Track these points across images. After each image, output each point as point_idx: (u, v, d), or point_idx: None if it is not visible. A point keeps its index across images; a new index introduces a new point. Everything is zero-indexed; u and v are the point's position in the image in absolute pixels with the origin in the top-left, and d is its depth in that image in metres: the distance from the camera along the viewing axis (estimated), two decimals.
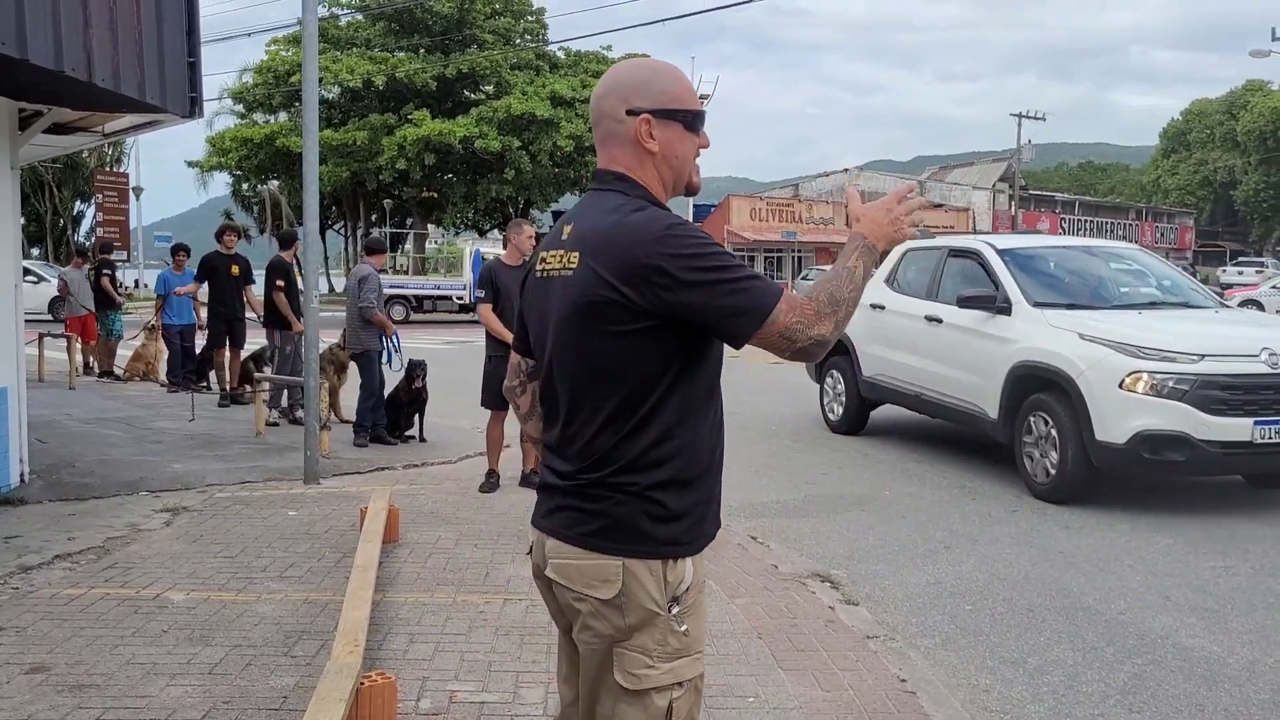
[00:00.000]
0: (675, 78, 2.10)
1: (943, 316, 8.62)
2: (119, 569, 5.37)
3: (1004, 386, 7.66)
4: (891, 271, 9.71)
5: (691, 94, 2.11)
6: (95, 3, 6.12)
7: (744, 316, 1.87)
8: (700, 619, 2.04)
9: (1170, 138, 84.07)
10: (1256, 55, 34.40)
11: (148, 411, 11.00)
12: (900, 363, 9.13)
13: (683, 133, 2.07)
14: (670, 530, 1.96)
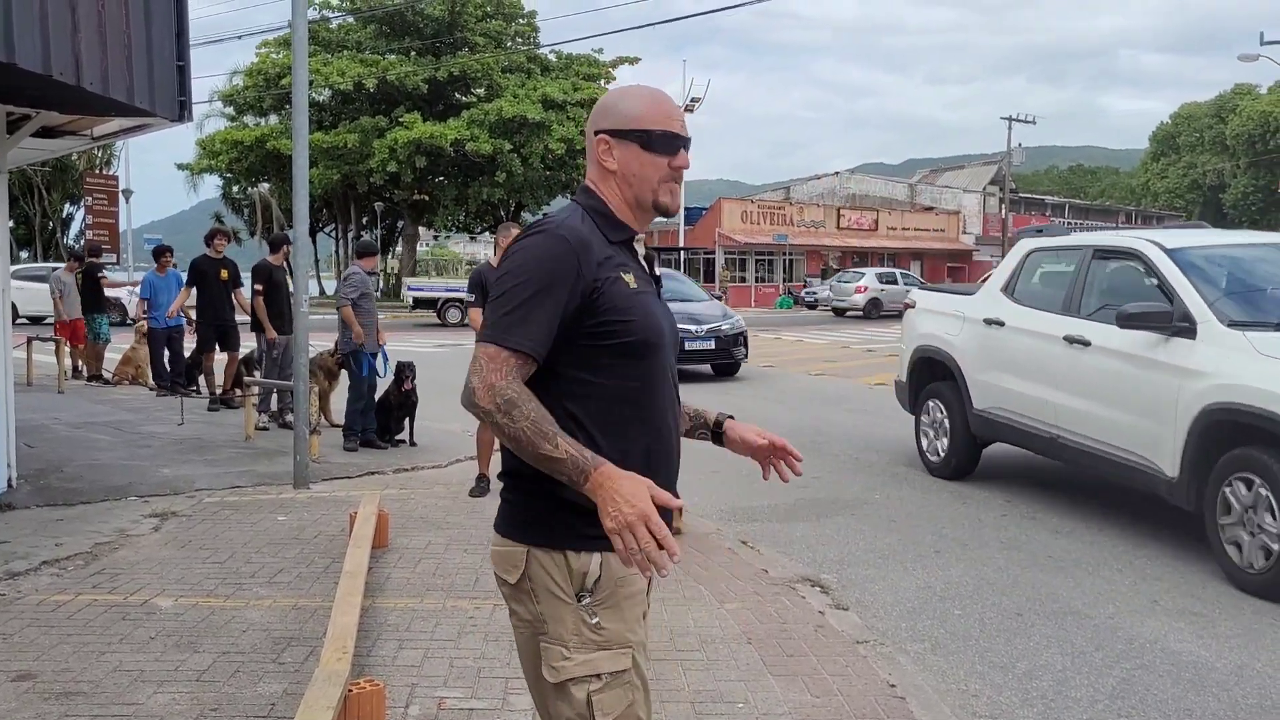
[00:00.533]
0: (643, 99, 2.15)
1: (1090, 338, 6.69)
2: (107, 575, 5.34)
3: (1188, 436, 5.77)
4: (1012, 277, 7.96)
5: (658, 116, 2.13)
6: (84, 6, 6.10)
7: (487, 323, 2.01)
8: (625, 616, 2.05)
9: (1159, 141, 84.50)
10: (1244, 59, 34.51)
11: (137, 415, 10.96)
12: (1028, 395, 7.28)
13: (639, 152, 2.12)
14: (573, 524, 2.01)
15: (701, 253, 47.21)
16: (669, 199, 2.17)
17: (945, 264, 53.68)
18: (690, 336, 14.42)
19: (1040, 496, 7.59)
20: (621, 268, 2.08)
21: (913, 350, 8.82)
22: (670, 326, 2.18)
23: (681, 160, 2.16)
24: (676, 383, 2.21)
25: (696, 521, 6.71)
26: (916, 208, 58.28)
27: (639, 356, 2.07)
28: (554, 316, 1.98)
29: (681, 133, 2.16)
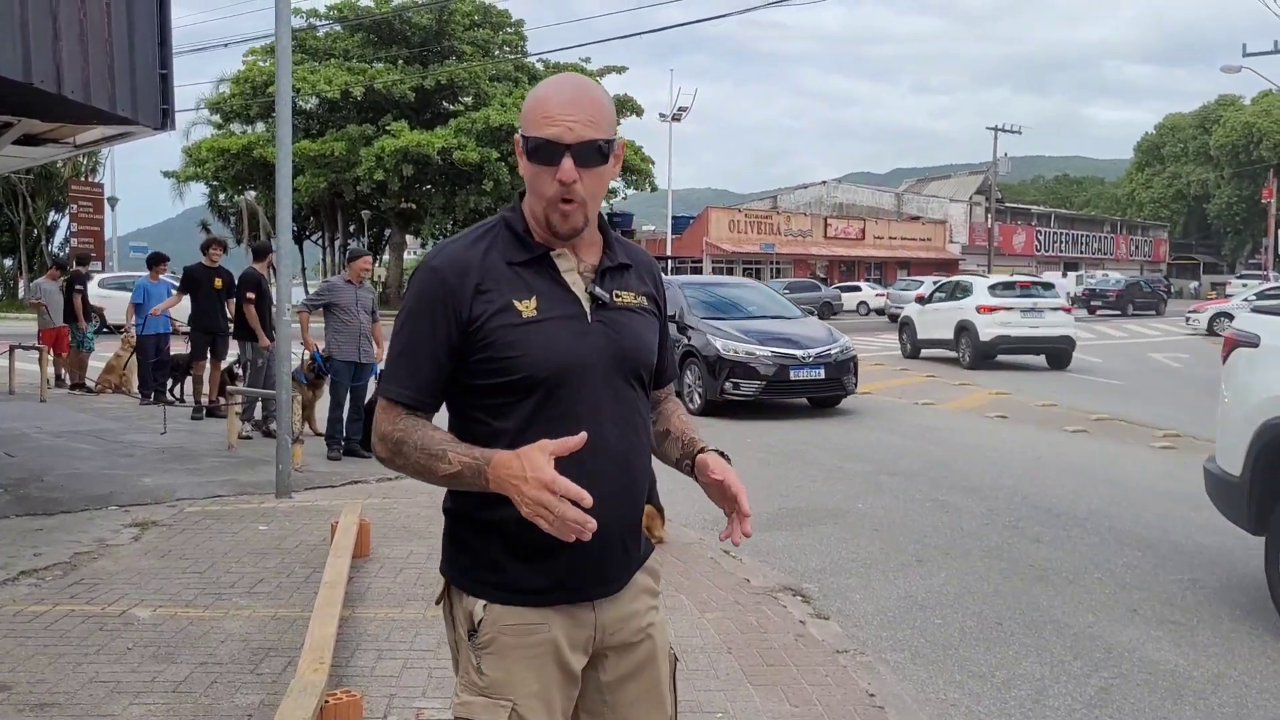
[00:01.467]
0: (532, 97, 1.88)
1: None
2: (85, 585, 5.31)
3: None
4: None
5: (535, 117, 1.85)
6: (65, 14, 6.09)
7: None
8: (511, 668, 1.88)
9: (1144, 151, 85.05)
10: (1228, 70, 34.80)
11: (119, 424, 10.91)
12: None
13: (524, 162, 1.88)
14: (459, 561, 1.97)
15: (689, 261, 47.28)
16: (557, 219, 1.86)
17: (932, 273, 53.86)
18: (795, 364, 12.26)
19: (1022, 505, 7.62)
20: (516, 293, 1.86)
21: (1260, 425, 5.10)
22: (599, 351, 1.90)
23: (564, 172, 1.82)
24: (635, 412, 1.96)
25: (679, 531, 6.71)
26: (903, 217, 58.52)
27: (534, 394, 1.85)
28: (431, 357, 1.87)
29: (560, 139, 1.81)
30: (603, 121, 1.87)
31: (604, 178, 1.91)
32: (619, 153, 1.94)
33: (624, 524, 1.94)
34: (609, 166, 1.91)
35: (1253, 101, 72.56)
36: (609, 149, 1.88)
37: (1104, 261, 65.65)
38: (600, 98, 1.91)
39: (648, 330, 2.01)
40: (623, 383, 1.94)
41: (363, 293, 9.28)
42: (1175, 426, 11.71)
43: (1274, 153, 65.17)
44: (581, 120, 1.83)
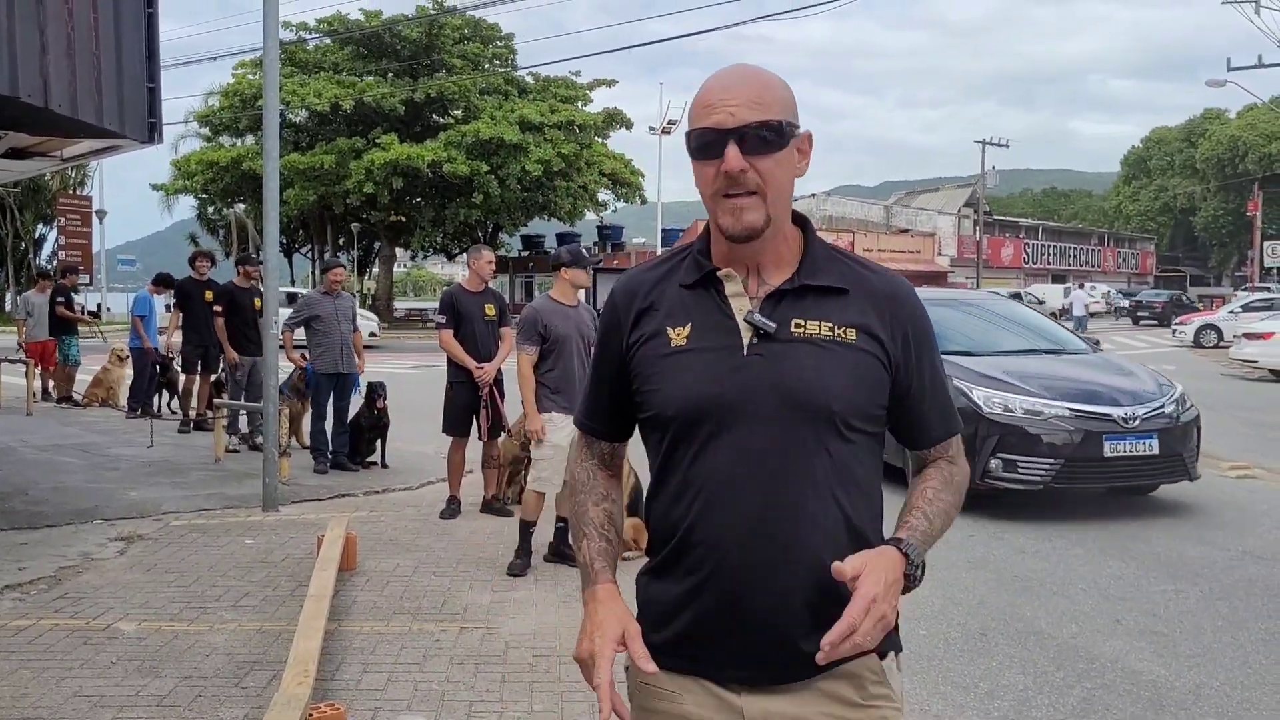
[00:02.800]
0: (695, 96, 1.68)
1: None
2: (70, 599, 5.30)
3: None
4: None
5: (696, 110, 1.66)
6: (52, 28, 6.10)
7: None
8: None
9: (1131, 164, 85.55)
10: (1212, 85, 35.03)
11: (106, 438, 10.88)
12: None
13: (693, 164, 1.67)
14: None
15: None
16: (728, 218, 1.63)
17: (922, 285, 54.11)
18: (1113, 432, 7.54)
19: (1007, 516, 7.64)
20: (674, 319, 1.67)
21: None
22: (773, 391, 1.61)
23: (729, 161, 1.59)
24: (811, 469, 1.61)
25: None
26: (892, 230, 58.69)
27: (666, 435, 1.67)
28: (601, 382, 1.80)
29: (721, 125, 1.60)
30: (771, 102, 1.61)
31: (783, 167, 1.63)
32: (804, 145, 1.69)
33: (775, 605, 1.61)
34: (787, 154, 1.63)
35: (1238, 115, 73.05)
36: (788, 131, 1.62)
37: (1091, 274, 65.93)
38: (767, 79, 1.65)
39: (840, 368, 1.63)
40: (790, 430, 1.61)
41: (341, 302, 9.26)
42: None
43: (1259, 166, 65.62)
44: (744, 102, 1.59)
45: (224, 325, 10.30)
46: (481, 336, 7.48)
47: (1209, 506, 8.07)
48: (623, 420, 1.80)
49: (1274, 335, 19.91)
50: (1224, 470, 9.75)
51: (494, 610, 5.27)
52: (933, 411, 1.74)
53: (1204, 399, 16.42)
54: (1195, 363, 24.34)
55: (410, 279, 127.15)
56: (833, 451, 1.62)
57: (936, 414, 1.75)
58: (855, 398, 1.63)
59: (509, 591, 5.61)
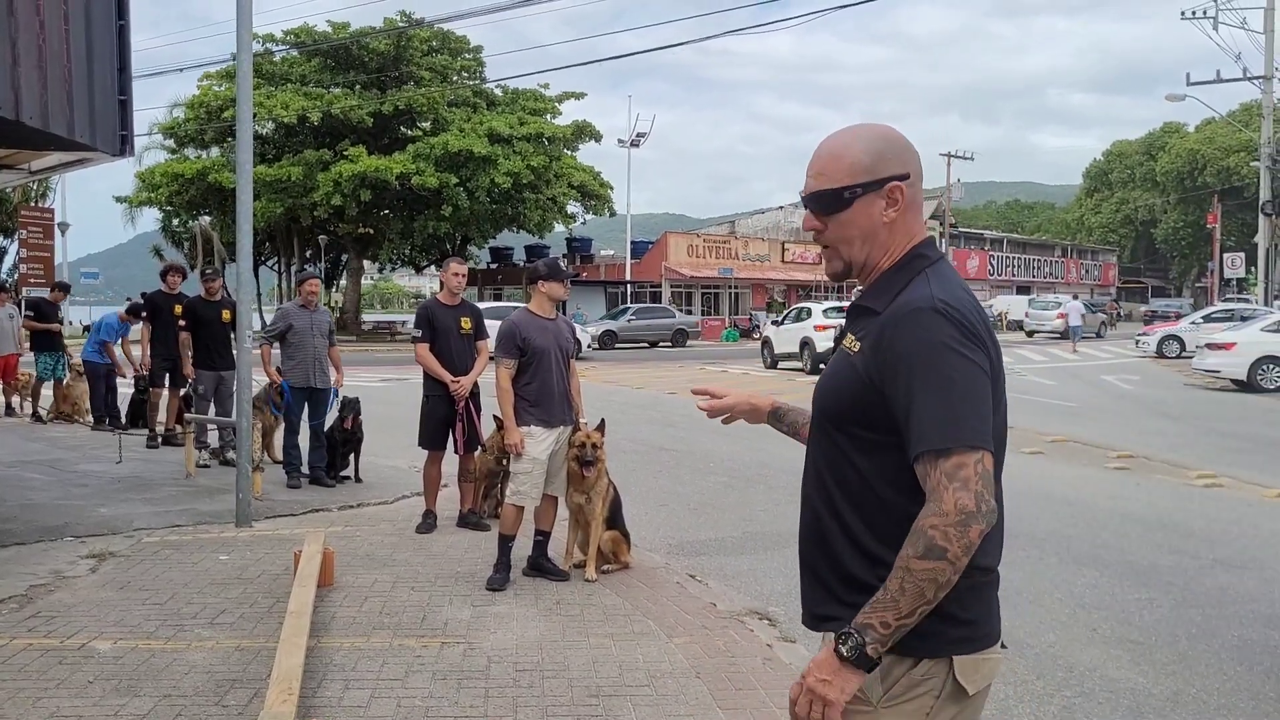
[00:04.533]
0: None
1: None
2: (42, 618, 5.22)
3: None
4: None
5: None
6: (24, 39, 6.04)
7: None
8: None
9: (1093, 177, 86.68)
10: (1172, 99, 35.65)
11: (73, 454, 10.73)
12: None
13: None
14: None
15: (648, 286, 47.42)
16: (824, 264, 2.10)
17: None
18: None
19: None
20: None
21: None
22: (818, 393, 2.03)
23: (805, 222, 2.09)
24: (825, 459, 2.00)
25: (645, 555, 6.72)
26: None
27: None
28: None
29: (802, 191, 2.05)
30: (833, 171, 1.96)
31: (849, 224, 1.97)
32: (895, 194, 1.95)
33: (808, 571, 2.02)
34: (855, 212, 1.96)
35: (1196, 129, 74.23)
36: (849, 195, 1.95)
37: (1055, 285, 66.73)
38: (833, 148, 1.99)
39: (840, 376, 1.95)
40: (818, 427, 2.01)
41: (318, 316, 9.19)
42: (1128, 448, 11.92)
43: (1218, 179, 66.69)
44: (812, 174, 2.00)
45: (188, 339, 10.21)
46: (457, 350, 7.45)
47: (1178, 515, 8.19)
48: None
49: (1236, 346, 20.22)
50: (1191, 479, 9.90)
51: (474, 625, 5.25)
52: (910, 431, 1.79)
53: (1167, 409, 16.70)
54: (1158, 373, 24.68)
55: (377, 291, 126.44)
56: (832, 448, 1.94)
57: (912, 434, 1.78)
58: (833, 402, 1.93)
59: (489, 606, 5.58)
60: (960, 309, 1.82)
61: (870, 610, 1.76)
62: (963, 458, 1.74)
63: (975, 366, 1.79)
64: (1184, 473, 10.29)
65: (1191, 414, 15.99)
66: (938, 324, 1.79)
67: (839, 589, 1.91)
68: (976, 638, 1.88)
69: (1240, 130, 55.00)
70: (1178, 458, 11.38)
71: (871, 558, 1.86)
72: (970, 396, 1.77)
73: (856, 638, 1.76)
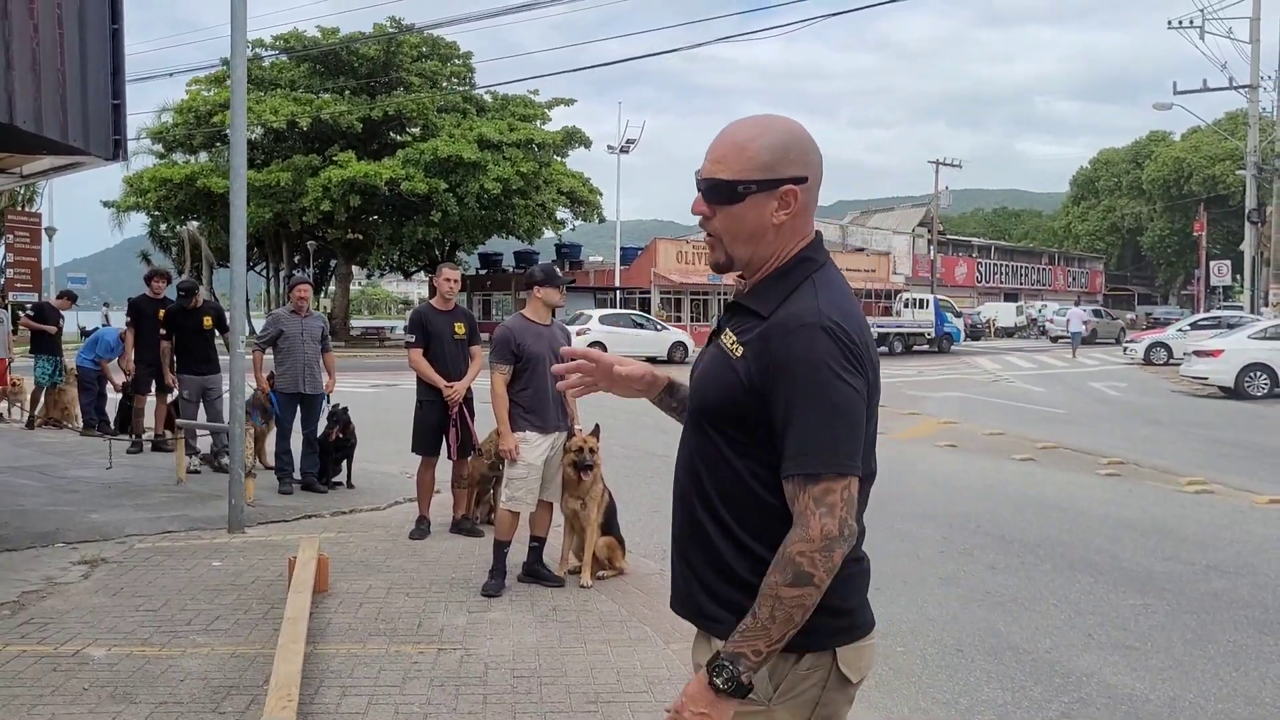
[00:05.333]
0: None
1: None
2: (35, 624, 5.18)
3: None
4: None
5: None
6: (18, 42, 6.01)
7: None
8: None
9: (1080, 185, 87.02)
10: (1159, 108, 35.82)
11: (62, 459, 10.67)
12: None
13: None
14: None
15: (637, 292, 47.40)
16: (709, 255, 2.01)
17: (877, 304, 54.58)
18: None
19: (976, 533, 7.73)
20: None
21: None
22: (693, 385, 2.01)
23: (693, 206, 1.97)
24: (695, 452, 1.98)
25: (639, 562, 6.71)
26: (848, 249, 59.27)
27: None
28: None
29: (697, 172, 1.96)
30: (732, 161, 1.87)
31: (736, 219, 1.89)
32: (787, 198, 1.89)
33: (680, 559, 1.99)
34: (745, 208, 1.88)
35: (1182, 138, 74.64)
36: (742, 190, 1.87)
37: (1042, 292, 66.98)
38: (738, 137, 1.90)
39: (716, 374, 1.92)
40: (691, 419, 1.98)
41: (310, 322, 9.16)
42: (1118, 454, 11.96)
43: (1203, 187, 67.03)
44: (712, 158, 1.89)
45: (168, 348, 10.18)
46: (451, 355, 7.43)
47: (1171, 522, 8.22)
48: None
49: (1223, 353, 20.34)
50: (1182, 486, 9.94)
51: (471, 631, 5.23)
52: (786, 447, 1.80)
53: (1155, 415, 16.77)
54: (1146, 380, 24.79)
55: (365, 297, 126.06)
56: (707, 445, 1.92)
57: (788, 450, 1.79)
58: (710, 399, 1.91)
59: (484, 612, 5.56)
60: (847, 328, 1.81)
61: (741, 639, 1.77)
62: (831, 484, 1.75)
63: (854, 392, 1.79)
64: (1174, 479, 10.33)
65: (1180, 420, 16.07)
66: (824, 345, 1.79)
67: (719, 586, 1.89)
68: (856, 627, 1.94)
69: (1226, 139, 55.31)
70: (1167, 464, 11.43)
71: (751, 555, 1.86)
72: (845, 422, 1.78)
73: (730, 669, 1.77)
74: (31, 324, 13.62)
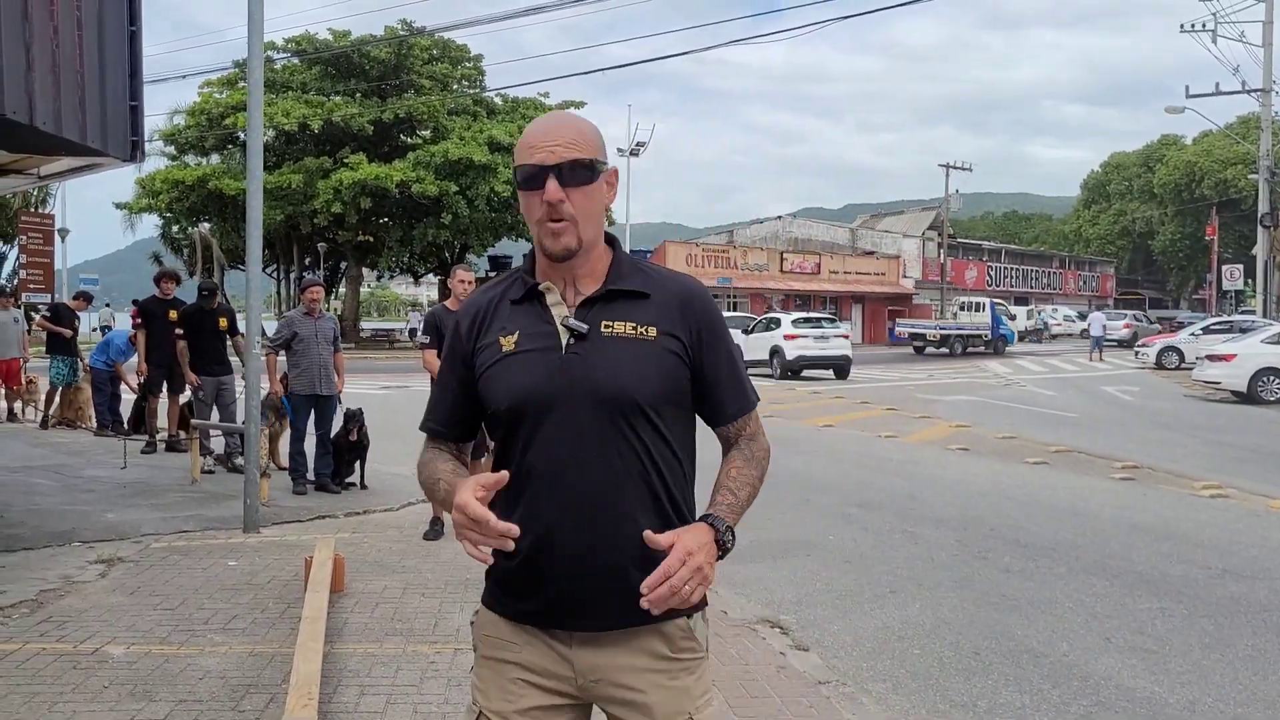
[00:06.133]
0: (521, 138, 2.00)
1: None
2: (54, 623, 5.21)
3: None
4: None
5: (522, 148, 1.96)
6: (38, 45, 6.04)
7: None
8: (487, 676, 2.00)
9: (1091, 189, 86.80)
10: (1172, 111, 35.71)
11: (77, 459, 10.71)
12: None
13: (520, 191, 1.98)
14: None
15: None
16: (548, 241, 1.93)
17: (886, 307, 54.53)
18: None
19: (990, 537, 7.71)
20: (504, 328, 1.96)
21: None
22: (558, 383, 1.89)
23: (549, 193, 1.89)
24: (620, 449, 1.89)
25: None
26: (858, 252, 59.21)
27: (503, 425, 1.95)
28: (446, 390, 2.07)
29: (543, 162, 1.90)
30: (584, 143, 1.94)
31: (593, 197, 1.95)
32: (611, 179, 2.01)
33: (598, 563, 1.88)
34: (597, 186, 1.96)
35: (1194, 141, 74.40)
36: (597, 168, 1.95)
37: (1053, 296, 66.82)
38: (580, 124, 1.99)
39: (644, 362, 1.90)
40: (604, 417, 1.88)
41: (323, 324, 9.19)
42: (1131, 458, 11.92)
43: (1215, 191, 66.79)
44: (562, 143, 1.92)
45: (185, 348, 10.22)
46: None
47: (1186, 526, 8.19)
48: (467, 422, 2.08)
49: (1236, 357, 20.25)
50: (1197, 490, 9.90)
51: None
52: (727, 393, 2.02)
53: (1168, 420, 16.72)
54: (1158, 384, 24.71)
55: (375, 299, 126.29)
56: (641, 434, 1.90)
57: (730, 395, 2.03)
58: (655, 387, 1.91)
59: None
60: None
61: (729, 512, 1.94)
62: (756, 409, 2.11)
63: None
64: (1189, 483, 10.29)
65: (1193, 425, 16.01)
66: (714, 301, 2.09)
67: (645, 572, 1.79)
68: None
69: (1238, 143, 55.13)
70: (1181, 468, 11.39)
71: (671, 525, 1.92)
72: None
73: (729, 534, 1.91)
74: (47, 325, 13.67)
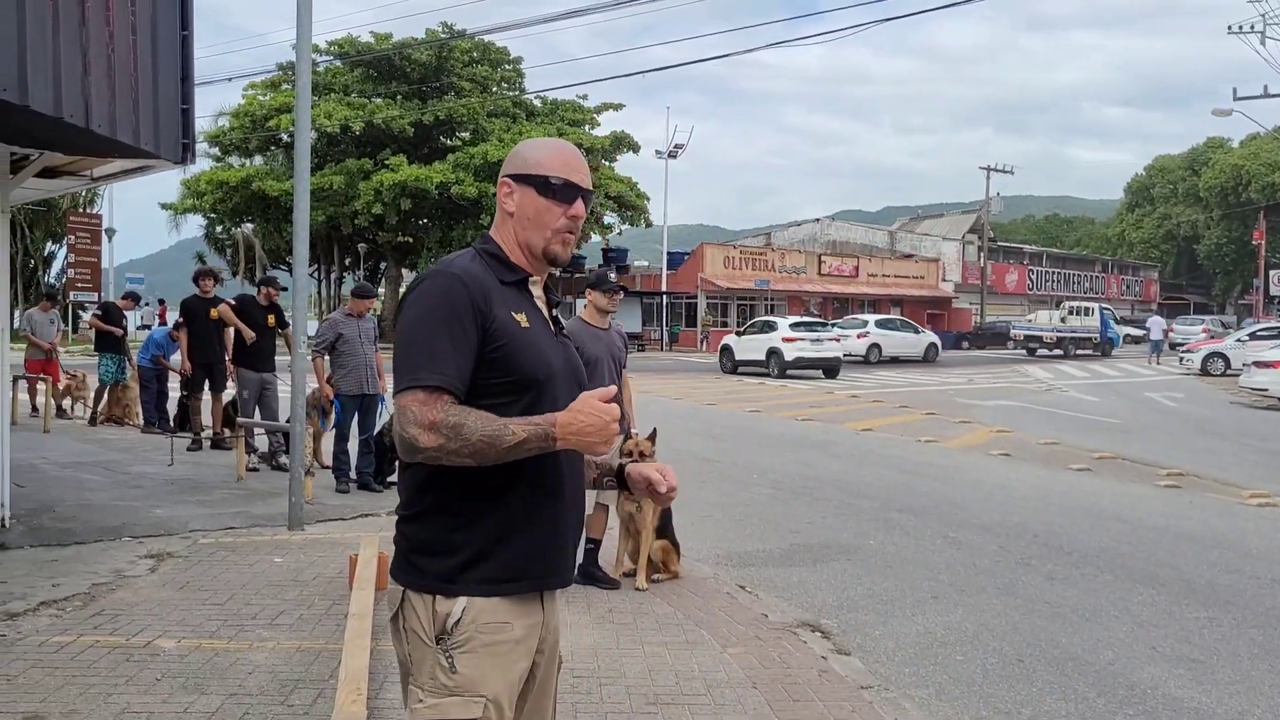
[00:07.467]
0: (547, 148, 2.26)
1: None
2: (107, 616, 5.31)
3: None
4: None
5: (558, 164, 2.22)
6: (94, 49, 6.16)
7: (395, 375, 2.07)
8: (484, 665, 2.07)
9: (1134, 192, 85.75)
10: (1219, 114, 35.15)
11: (125, 456, 10.89)
12: None
13: (536, 197, 2.21)
14: (438, 565, 2.09)
15: (684, 297, 47.45)
16: (560, 248, 2.25)
17: (925, 310, 54.16)
18: None
19: (1033, 543, 7.65)
20: (512, 306, 2.16)
21: None
22: (566, 364, 2.24)
23: (577, 209, 2.24)
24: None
25: (693, 565, 6.73)
26: (896, 255, 58.84)
27: (530, 391, 2.13)
28: (461, 348, 2.06)
29: (581, 184, 2.24)
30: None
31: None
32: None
33: (577, 519, 2.27)
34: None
35: (1241, 144, 73.28)
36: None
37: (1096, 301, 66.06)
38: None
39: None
40: (576, 392, 2.15)
41: (364, 324, 9.33)
42: (1177, 465, 11.78)
43: (1263, 195, 65.74)
44: (586, 172, 2.28)
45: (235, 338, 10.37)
46: None
47: (1234, 534, 8.08)
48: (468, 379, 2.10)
49: None
50: (1245, 499, 9.77)
51: None
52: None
53: (1215, 427, 16.49)
54: (1203, 391, 24.36)
55: None
56: None
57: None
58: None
59: None
60: None
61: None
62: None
63: None
64: (1237, 491, 10.15)
65: (1240, 432, 15.77)
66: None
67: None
68: None
69: None
70: (1229, 476, 11.23)
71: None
72: None
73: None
74: (99, 324, 13.91)
